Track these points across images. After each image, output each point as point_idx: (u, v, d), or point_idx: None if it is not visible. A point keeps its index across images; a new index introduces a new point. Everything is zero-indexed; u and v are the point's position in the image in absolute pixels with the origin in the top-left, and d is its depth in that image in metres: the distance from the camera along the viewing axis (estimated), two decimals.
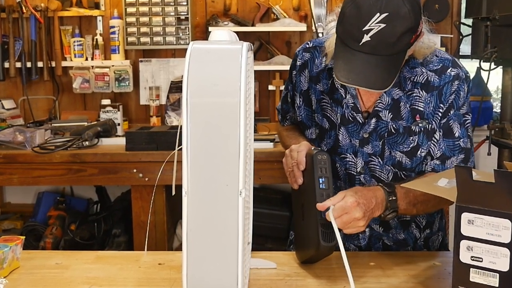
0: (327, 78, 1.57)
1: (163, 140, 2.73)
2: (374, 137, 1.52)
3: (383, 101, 1.50)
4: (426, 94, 1.49)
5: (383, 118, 1.51)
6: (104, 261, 1.46)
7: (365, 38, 1.31)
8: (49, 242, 3.03)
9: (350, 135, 1.54)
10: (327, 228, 1.28)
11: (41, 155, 2.74)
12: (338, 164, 1.57)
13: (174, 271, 1.38)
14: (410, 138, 1.51)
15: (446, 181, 1.31)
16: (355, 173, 1.56)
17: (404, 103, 1.50)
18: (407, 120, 1.50)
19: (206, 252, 1.09)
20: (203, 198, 1.07)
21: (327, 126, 1.58)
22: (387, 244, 1.62)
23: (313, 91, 1.60)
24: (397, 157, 1.52)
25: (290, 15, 3.39)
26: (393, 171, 1.54)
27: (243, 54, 1.06)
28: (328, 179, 1.31)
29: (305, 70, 1.62)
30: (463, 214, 1.13)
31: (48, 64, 3.39)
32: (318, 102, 1.59)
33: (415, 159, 1.52)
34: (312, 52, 1.61)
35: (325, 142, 1.58)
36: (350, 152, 1.55)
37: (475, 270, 1.13)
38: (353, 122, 1.54)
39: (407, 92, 1.50)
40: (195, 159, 1.06)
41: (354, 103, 1.53)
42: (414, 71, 1.49)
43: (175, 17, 3.31)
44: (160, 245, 2.80)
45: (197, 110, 1.06)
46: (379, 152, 1.53)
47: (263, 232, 3.05)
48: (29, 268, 1.41)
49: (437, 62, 1.51)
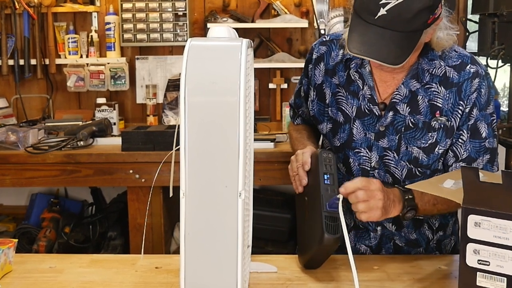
0: (343, 70, 1.59)
1: (160, 140, 2.73)
2: (391, 130, 1.54)
3: (401, 92, 1.52)
4: (444, 90, 1.51)
5: (400, 112, 1.53)
6: (99, 265, 1.46)
7: (381, 11, 1.32)
8: (42, 245, 3.02)
9: (365, 129, 1.56)
10: (332, 220, 1.28)
11: (35, 156, 2.73)
12: (351, 159, 1.58)
13: (172, 275, 1.38)
14: (429, 134, 1.52)
15: (452, 182, 1.31)
16: (369, 168, 1.57)
17: (422, 96, 1.52)
18: (425, 115, 1.52)
19: (204, 256, 1.09)
20: (202, 200, 1.08)
21: (342, 120, 1.59)
22: (398, 245, 1.62)
23: (328, 84, 1.62)
24: (414, 152, 1.53)
25: (291, 11, 3.39)
26: (408, 167, 1.55)
27: (242, 52, 1.06)
28: (333, 176, 1.34)
29: (320, 64, 1.64)
30: (470, 216, 1.13)
31: (42, 62, 3.39)
32: (333, 96, 1.61)
33: (432, 155, 1.53)
34: (329, 45, 1.64)
35: (339, 136, 1.60)
36: (365, 146, 1.57)
37: (482, 274, 1.13)
38: (369, 115, 1.55)
39: (425, 85, 1.51)
40: (193, 160, 1.06)
41: (371, 94, 1.54)
42: (433, 63, 1.51)
43: (172, 13, 3.31)
44: (157, 248, 2.80)
45: (195, 109, 1.06)
46: (395, 147, 1.54)
47: (263, 235, 3.05)
48: (22, 272, 1.41)
49: (456, 57, 1.53)
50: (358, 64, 1.56)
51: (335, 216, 1.28)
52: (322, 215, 1.29)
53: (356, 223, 1.64)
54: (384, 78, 1.55)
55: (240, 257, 1.08)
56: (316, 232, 1.31)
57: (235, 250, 1.07)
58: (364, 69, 1.56)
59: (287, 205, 3.24)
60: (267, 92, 3.48)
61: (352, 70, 1.57)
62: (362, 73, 1.56)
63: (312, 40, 3.45)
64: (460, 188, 1.17)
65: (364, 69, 1.56)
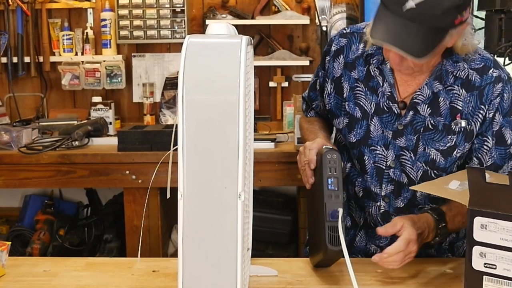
0: (363, 65, 1.60)
1: (157, 140, 2.73)
2: (409, 130, 1.55)
3: (424, 93, 1.53)
4: (466, 93, 1.52)
5: (421, 112, 1.54)
6: (94, 268, 1.46)
7: (410, 4, 1.33)
8: (36, 248, 3.02)
9: (384, 126, 1.57)
10: (336, 231, 1.28)
11: (28, 156, 2.73)
12: (366, 156, 1.59)
13: (169, 279, 1.38)
14: (449, 137, 1.53)
15: (458, 184, 1.31)
16: (384, 167, 1.58)
17: (443, 98, 1.53)
18: (445, 117, 1.53)
19: (203, 259, 1.09)
20: (200, 202, 1.07)
21: (359, 115, 1.60)
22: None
23: (346, 78, 1.62)
24: (432, 154, 1.54)
25: (292, 7, 3.39)
26: (424, 169, 1.55)
27: (242, 49, 1.06)
28: (337, 180, 1.33)
29: (340, 56, 1.64)
30: (476, 219, 1.13)
31: (36, 59, 3.39)
32: (351, 90, 1.61)
33: (450, 159, 1.54)
34: (349, 37, 1.64)
35: (355, 132, 1.60)
36: (381, 144, 1.57)
37: (488, 278, 1.13)
38: (388, 112, 1.56)
39: (447, 87, 1.52)
40: (191, 160, 1.06)
41: (391, 92, 1.55)
42: (457, 65, 1.52)
43: (170, 9, 3.31)
44: (154, 251, 2.80)
45: (194, 108, 1.06)
46: (412, 147, 1.55)
47: (263, 237, 3.05)
48: (15, 276, 1.41)
49: (479, 60, 1.54)
50: (379, 60, 1.56)
51: (337, 226, 1.28)
52: (325, 226, 1.30)
53: (367, 221, 1.64)
54: (405, 77, 1.56)
55: (239, 260, 1.08)
56: (321, 240, 1.32)
57: (234, 253, 1.07)
58: (385, 66, 1.56)
59: (288, 207, 3.24)
60: (268, 91, 3.48)
61: (373, 66, 1.57)
62: (383, 69, 1.57)
63: (313, 37, 3.46)
64: (466, 190, 1.17)
65: (385, 66, 1.56)
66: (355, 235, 1.68)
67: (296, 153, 1.57)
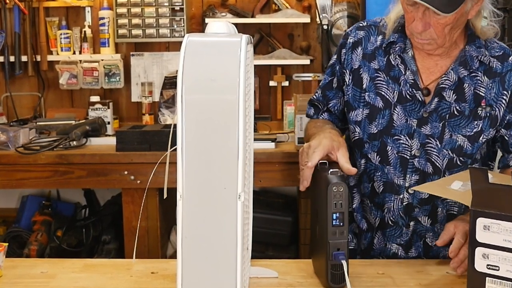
0: (382, 55, 1.62)
1: (156, 140, 2.73)
2: (434, 117, 1.57)
3: (450, 78, 1.56)
4: (488, 80, 1.56)
5: (446, 99, 1.56)
6: (92, 270, 1.46)
7: None
8: (33, 249, 3.02)
9: (407, 115, 1.58)
10: (338, 269, 1.28)
11: (25, 156, 2.73)
12: (389, 147, 1.59)
13: (168, 281, 1.38)
14: (475, 122, 1.56)
15: (460, 184, 1.31)
16: (408, 157, 1.58)
17: (468, 85, 1.56)
18: (470, 103, 1.56)
19: (202, 260, 1.09)
20: (199, 202, 1.07)
21: (381, 105, 1.60)
22: (428, 245, 1.63)
23: (366, 69, 1.63)
24: (459, 141, 1.56)
25: (292, 6, 3.39)
26: (450, 156, 1.57)
27: (242, 48, 1.06)
28: (343, 214, 1.28)
29: (358, 48, 1.65)
30: (478, 219, 1.13)
31: (33, 58, 3.39)
32: (372, 80, 1.62)
33: (477, 144, 1.57)
34: (367, 30, 1.67)
35: (376, 122, 1.60)
36: (405, 133, 1.58)
37: (491, 279, 1.13)
38: (411, 101, 1.58)
39: (472, 73, 1.56)
40: (190, 160, 1.06)
41: (414, 79, 1.57)
42: (480, 50, 1.57)
43: (169, 7, 3.31)
44: (153, 253, 2.80)
45: (193, 108, 1.06)
46: (438, 134, 1.57)
47: (263, 238, 3.06)
48: (12, 278, 1.41)
49: (498, 48, 1.59)
50: (401, 48, 1.59)
51: (340, 263, 1.27)
52: (328, 264, 1.28)
53: (385, 220, 1.63)
54: (427, 64, 1.59)
55: (239, 262, 1.08)
56: (323, 273, 1.31)
57: (234, 255, 1.07)
58: (406, 55, 1.59)
59: (288, 208, 3.24)
60: (268, 90, 3.48)
61: (394, 54, 1.60)
62: (405, 58, 1.59)
63: (314, 36, 3.46)
64: (469, 190, 1.17)
65: (406, 55, 1.59)
66: (373, 237, 1.67)
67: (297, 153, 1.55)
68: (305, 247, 2.98)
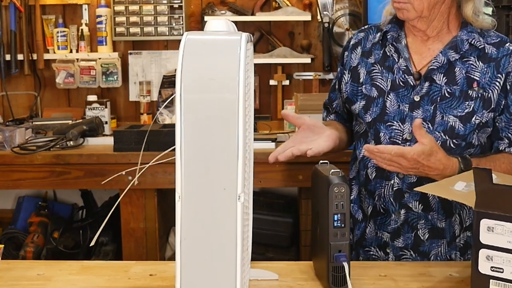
0: (379, 49, 1.70)
1: (154, 140, 2.72)
2: (426, 101, 1.61)
3: (439, 60, 1.61)
4: (482, 64, 1.61)
5: (436, 82, 1.61)
6: (90, 272, 1.46)
7: None
8: (30, 251, 3.02)
9: (399, 101, 1.63)
10: (339, 271, 1.28)
11: (22, 156, 2.73)
12: (382, 133, 1.64)
13: (167, 283, 1.38)
14: (466, 103, 1.59)
15: (464, 185, 1.31)
16: (400, 141, 1.62)
17: (459, 68, 1.61)
18: (461, 86, 1.60)
19: (201, 262, 1.09)
20: (198, 203, 1.07)
21: (375, 94, 1.67)
22: (419, 238, 1.64)
23: (363, 64, 1.71)
24: (450, 121, 1.60)
25: (293, 4, 3.39)
26: (443, 139, 1.59)
27: (242, 46, 1.06)
28: (344, 215, 1.28)
29: (357, 48, 1.75)
30: (482, 221, 1.13)
31: (29, 57, 3.39)
32: (368, 74, 1.70)
33: (469, 125, 1.59)
34: (367, 31, 1.76)
35: (371, 111, 1.66)
36: (397, 119, 1.63)
37: (495, 282, 1.13)
38: (403, 87, 1.64)
39: (463, 57, 1.61)
40: (189, 161, 1.06)
41: (406, 65, 1.64)
42: (472, 35, 1.62)
43: (167, 5, 3.31)
44: (151, 255, 2.80)
45: (192, 107, 1.06)
46: (429, 117, 1.61)
47: (263, 240, 3.05)
48: (8, 280, 1.41)
49: (495, 36, 1.64)
50: (394, 37, 1.66)
51: (342, 265, 1.27)
52: (329, 266, 1.29)
53: (376, 208, 1.66)
54: (420, 50, 1.66)
55: (239, 264, 1.08)
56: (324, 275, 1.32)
57: (234, 256, 1.07)
58: (400, 44, 1.66)
59: (289, 209, 3.24)
60: (268, 89, 3.48)
61: (388, 44, 1.67)
62: (398, 47, 1.66)
63: (315, 34, 3.46)
64: (472, 191, 1.17)
65: (400, 44, 1.66)
66: (366, 227, 1.70)
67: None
68: (305, 248, 2.98)
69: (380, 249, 1.68)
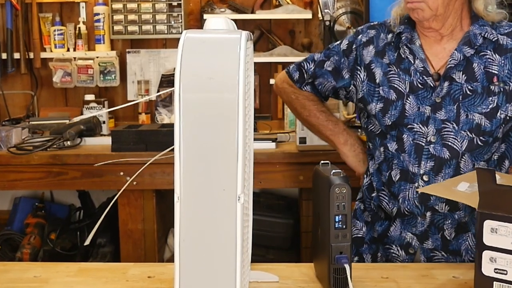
0: (393, 50, 1.70)
1: (153, 139, 2.73)
2: (448, 101, 1.61)
3: (455, 57, 1.61)
4: (499, 57, 1.61)
5: (456, 80, 1.61)
6: (87, 274, 1.46)
7: None
8: (26, 252, 3.02)
9: (420, 103, 1.64)
10: (340, 273, 1.28)
11: (18, 156, 2.73)
12: (405, 135, 1.65)
13: (165, 285, 1.38)
14: (489, 98, 1.60)
15: (467, 186, 1.31)
16: (423, 144, 1.62)
17: (477, 64, 1.62)
18: (481, 81, 1.61)
19: (200, 264, 1.09)
20: (198, 204, 1.07)
21: (394, 97, 1.67)
22: (446, 238, 1.65)
23: (377, 64, 1.71)
24: (476, 119, 1.60)
25: (293, 2, 3.39)
26: (469, 137, 1.60)
27: (241, 45, 1.06)
28: (345, 217, 1.29)
29: (369, 46, 1.74)
30: (486, 222, 1.13)
31: (26, 56, 3.39)
32: (385, 75, 1.70)
33: (495, 121, 1.60)
34: (378, 28, 1.77)
35: (389, 114, 1.67)
36: (418, 121, 1.64)
37: (499, 284, 1.13)
38: (422, 88, 1.64)
39: (479, 51, 1.62)
40: (188, 161, 1.06)
41: (423, 66, 1.64)
42: (484, 28, 1.63)
43: (166, 3, 3.31)
44: (149, 256, 2.80)
45: (191, 107, 1.06)
46: (453, 117, 1.61)
47: (264, 241, 3.05)
48: (4, 282, 1.41)
49: (507, 26, 1.65)
50: (408, 38, 1.66)
51: (343, 267, 1.27)
52: (330, 268, 1.29)
53: (401, 210, 1.66)
54: (435, 51, 1.66)
55: (239, 266, 1.08)
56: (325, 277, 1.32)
57: (233, 258, 1.07)
58: (414, 45, 1.67)
59: (289, 210, 3.24)
60: (268, 89, 3.47)
61: (402, 46, 1.67)
62: (412, 48, 1.66)
63: (316, 33, 3.46)
64: (476, 192, 1.17)
65: (414, 45, 1.67)
66: (390, 225, 1.70)
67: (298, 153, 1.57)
68: (306, 250, 2.98)
69: (402, 248, 1.68)
